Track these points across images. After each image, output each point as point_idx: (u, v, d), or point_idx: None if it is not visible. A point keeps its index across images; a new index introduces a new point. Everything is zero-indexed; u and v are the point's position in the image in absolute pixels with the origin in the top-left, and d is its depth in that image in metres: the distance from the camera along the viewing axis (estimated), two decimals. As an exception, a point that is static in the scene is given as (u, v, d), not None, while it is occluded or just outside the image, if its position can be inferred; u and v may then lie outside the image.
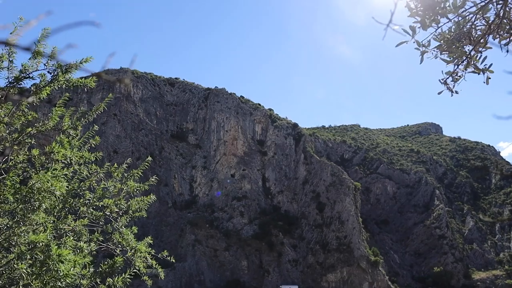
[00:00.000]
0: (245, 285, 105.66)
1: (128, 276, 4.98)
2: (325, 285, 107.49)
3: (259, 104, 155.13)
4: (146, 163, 5.59)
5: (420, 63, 3.88)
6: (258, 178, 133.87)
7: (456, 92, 3.88)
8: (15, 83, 4.40)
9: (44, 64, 4.44)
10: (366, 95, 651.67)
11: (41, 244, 3.92)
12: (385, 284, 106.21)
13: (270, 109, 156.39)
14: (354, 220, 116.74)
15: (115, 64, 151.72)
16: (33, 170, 4.83)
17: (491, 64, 3.73)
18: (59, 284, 4.03)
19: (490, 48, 3.72)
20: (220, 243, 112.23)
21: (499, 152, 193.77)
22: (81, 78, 4.67)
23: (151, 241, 5.37)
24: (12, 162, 4.76)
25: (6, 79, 4.39)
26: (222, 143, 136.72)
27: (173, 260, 5.65)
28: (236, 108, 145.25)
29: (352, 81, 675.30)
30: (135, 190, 5.38)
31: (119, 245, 5.11)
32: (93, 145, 5.26)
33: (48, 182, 4.23)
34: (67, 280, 3.99)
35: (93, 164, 5.29)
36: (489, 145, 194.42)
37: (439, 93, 3.93)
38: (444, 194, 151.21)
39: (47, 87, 4.52)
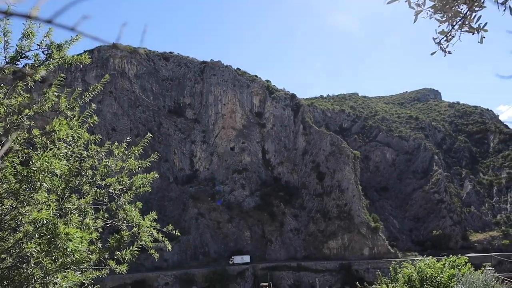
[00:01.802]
0: (249, 254, 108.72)
1: (136, 249, 5.12)
2: (327, 251, 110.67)
3: (256, 76, 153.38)
4: (146, 140, 5.59)
5: (414, 22, 3.82)
6: (258, 150, 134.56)
7: (449, 53, 3.83)
8: (11, 63, 4.32)
9: (38, 45, 4.35)
10: (365, 63, 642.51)
11: (45, 221, 4.00)
12: (385, 248, 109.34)
13: (267, 81, 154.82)
14: (354, 188, 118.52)
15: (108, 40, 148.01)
16: (34, 151, 4.84)
17: (485, 23, 3.66)
18: (69, 260, 4.15)
19: (485, 7, 3.64)
20: (222, 215, 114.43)
21: (498, 115, 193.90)
22: (76, 55, 4.59)
23: (156, 216, 5.47)
24: (12, 145, 4.75)
25: (4, 58, 4.31)
26: (220, 116, 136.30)
27: (178, 234, 5.77)
28: (233, 80, 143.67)
29: (349, 49, 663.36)
30: (136, 167, 5.41)
31: (125, 221, 5.21)
32: (91, 125, 5.24)
33: (47, 162, 4.25)
34: (76, 256, 4.10)
35: (93, 144, 5.29)
36: (488, 109, 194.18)
37: (432, 54, 3.88)
38: (442, 159, 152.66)
39: (42, 66, 4.44)
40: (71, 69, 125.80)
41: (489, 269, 20.04)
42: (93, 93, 5.05)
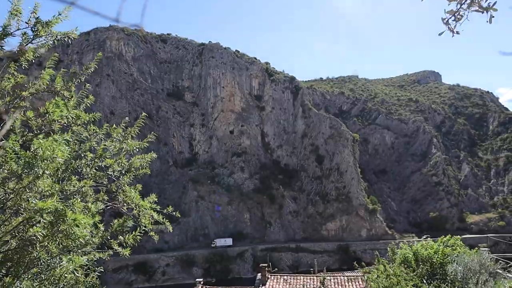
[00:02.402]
0: (249, 236, 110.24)
1: (139, 234, 5.16)
2: (325, 233, 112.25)
3: (255, 58, 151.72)
4: (142, 120, 5.54)
5: (422, 0, 3.73)
6: (257, 133, 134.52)
7: (457, 33, 3.74)
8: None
9: (26, 23, 4.23)
10: (365, 45, 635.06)
11: (50, 210, 4.01)
12: (382, 230, 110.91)
13: (266, 63, 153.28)
14: (353, 171, 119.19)
15: (103, 23, 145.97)
16: (31, 134, 4.79)
17: (495, 2, 3.57)
18: (73, 243, 4.19)
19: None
20: (222, 198, 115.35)
21: (498, 98, 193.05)
22: (65, 32, 4.47)
23: (156, 199, 5.47)
24: (11, 127, 4.70)
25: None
26: (219, 99, 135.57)
27: (179, 215, 5.80)
28: (231, 63, 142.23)
29: (350, 31, 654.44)
30: (134, 148, 5.38)
31: (125, 204, 5.22)
32: (88, 105, 5.17)
33: (49, 149, 4.21)
34: (81, 240, 4.14)
35: (91, 125, 5.25)
36: (488, 92, 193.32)
37: (440, 34, 3.79)
38: (441, 142, 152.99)
39: (31, 45, 4.34)
40: (67, 52, 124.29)
41: (484, 250, 20.34)
42: (88, 71, 4.96)
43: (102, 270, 5.14)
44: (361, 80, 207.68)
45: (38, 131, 4.66)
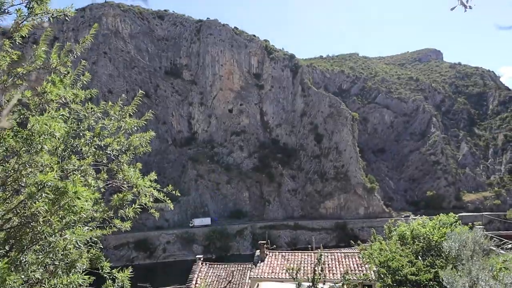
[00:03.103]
0: (248, 214, 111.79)
1: (138, 207, 5.23)
2: (323, 211, 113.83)
3: (254, 36, 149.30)
4: (139, 97, 5.50)
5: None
6: (256, 112, 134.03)
7: (470, 7, 3.67)
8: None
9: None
10: (366, 22, 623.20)
11: (50, 183, 4.04)
12: (380, 208, 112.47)
13: (265, 40, 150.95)
14: (351, 150, 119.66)
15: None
16: (29, 112, 4.77)
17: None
18: (75, 218, 4.25)
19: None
20: (221, 176, 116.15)
21: (499, 77, 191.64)
22: (61, 9, 4.37)
23: (155, 177, 5.50)
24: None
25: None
26: (218, 78, 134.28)
27: (178, 194, 5.84)
28: (230, 40, 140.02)
29: (351, 7, 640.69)
30: (133, 127, 5.36)
31: (125, 182, 5.25)
32: (85, 82, 5.11)
33: (46, 125, 4.21)
34: (83, 214, 4.20)
35: (89, 103, 5.21)
36: (489, 70, 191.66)
37: (452, 9, 3.72)
38: (440, 121, 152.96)
39: (26, 22, 4.24)
40: (62, 29, 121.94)
41: (479, 228, 20.70)
42: (84, 45, 4.87)
43: (102, 246, 5.23)
44: (361, 58, 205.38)
45: (36, 110, 4.63)
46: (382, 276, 18.81)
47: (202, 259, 31.85)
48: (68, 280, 4.21)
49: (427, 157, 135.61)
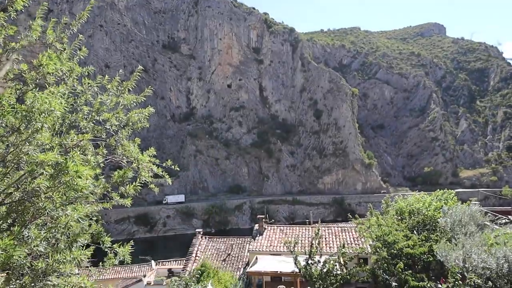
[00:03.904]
0: (246, 189, 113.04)
1: (138, 184, 5.27)
2: (321, 186, 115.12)
3: (254, 8, 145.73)
4: (138, 73, 5.42)
5: None
6: (255, 87, 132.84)
7: None
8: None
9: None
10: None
11: (51, 163, 4.06)
12: (377, 184, 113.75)
13: (265, 13, 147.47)
14: (351, 126, 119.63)
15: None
16: (26, 87, 4.73)
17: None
18: (76, 194, 4.30)
19: None
20: (220, 152, 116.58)
21: (502, 53, 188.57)
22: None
23: (155, 152, 5.51)
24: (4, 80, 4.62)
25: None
26: (217, 52, 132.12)
27: (178, 169, 5.87)
28: (229, 13, 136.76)
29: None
30: (131, 102, 5.32)
31: (124, 157, 5.26)
32: (81, 57, 5.02)
33: (46, 102, 4.17)
34: (84, 191, 4.25)
35: (86, 78, 5.14)
36: (492, 46, 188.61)
37: None
38: (441, 98, 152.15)
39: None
40: (56, 1, 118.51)
41: (475, 203, 21.01)
42: (80, 21, 4.76)
43: (104, 222, 5.32)
44: (362, 33, 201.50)
45: (33, 85, 4.57)
46: (378, 249, 19.27)
47: (201, 233, 32.46)
48: (71, 256, 4.31)
49: (426, 133, 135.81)
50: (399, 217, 21.93)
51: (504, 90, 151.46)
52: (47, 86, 4.62)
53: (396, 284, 17.88)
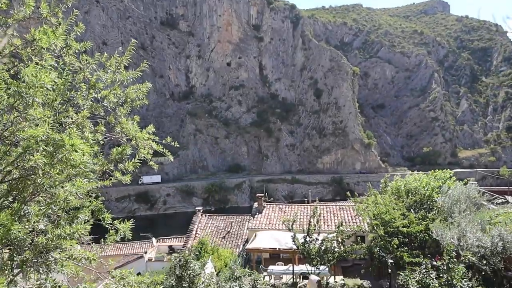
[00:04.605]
0: (246, 168, 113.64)
1: (137, 161, 5.27)
2: (320, 166, 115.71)
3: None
4: (132, 47, 5.31)
5: None
6: (255, 66, 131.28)
7: None
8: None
9: None
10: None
11: (42, 137, 4.03)
12: (376, 163, 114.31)
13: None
14: (351, 105, 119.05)
15: None
16: (21, 63, 4.66)
17: None
18: (74, 171, 4.30)
19: None
20: (220, 131, 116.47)
21: (506, 32, 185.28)
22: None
23: (154, 130, 5.49)
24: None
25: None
26: (216, 29, 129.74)
27: (177, 145, 5.86)
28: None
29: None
30: (128, 78, 5.25)
31: (123, 135, 5.24)
32: (78, 34, 4.91)
33: (35, 76, 4.11)
34: (81, 167, 4.24)
35: (83, 54, 5.05)
36: (496, 24, 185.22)
37: None
38: (442, 77, 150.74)
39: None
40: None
41: (473, 183, 21.18)
42: (76, -5, 4.65)
43: (104, 199, 5.36)
44: (365, 10, 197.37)
45: (28, 61, 4.50)
46: (375, 228, 19.57)
47: (201, 211, 32.86)
48: (71, 230, 4.36)
49: (426, 113, 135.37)
50: (397, 196, 22.16)
51: (506, 70, 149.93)
52: (40, 61, 4.55)
53: (392, 261, 18.27)
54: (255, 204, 30.86)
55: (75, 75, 5.04)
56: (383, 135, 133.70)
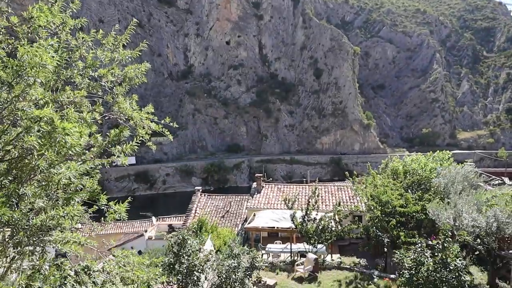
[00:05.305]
0: (245, 148, 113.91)
1: (135, 143, 5.26)
2: (319, 146, 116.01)
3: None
4: (133, 27, 5.22)
5: None
6: (254, 44, 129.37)
7: None
8: None
9: None
10: None
11: (46, 118, 4.01)
12: (375, 144, 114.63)
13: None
14: (351, 86, 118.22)
15: None
16: (18, 41, 4.58)
17: None
18: (70, 152, 4.29)
19: None
20: (219, 111, 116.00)
21: (510, 11, 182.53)
22: None
23: (152, 109, 5.45)
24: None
25: None
26: (215, 6, 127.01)
27: (176, 125, 5.84)
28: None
29: None
30: (127, 58, 5.17)
31: (121, 114, 5.21)
32: (74, 10, 4.81)
33: (36, 56, 4.05)
34: (77, 149, 4.23)
35: (79, 31, 4.96)
36: (500, 3, 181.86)
37: None
38: (444, 58, 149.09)
39: None
40: None
41: (470, 165, 21.34)
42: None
43: (105, 180, 5.38)
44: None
45: (24, 39, 4.42)
46: (372, 208, 19.82)
47: (201, 190, 33.13)
48: (65, 211, 4.39)
49: (427, 94, 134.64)
50: (395, 176, 22.34)
51: (509, 51, 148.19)
52: (39, 40, 4.47)
53: (388, 240, 18.61)
54: (254, 184, 31.13)
55: (70, 53, 4.96)
56: (383, 116, 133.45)
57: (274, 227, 22.99)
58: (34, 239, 4.34)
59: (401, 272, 13.46)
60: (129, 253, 5.25)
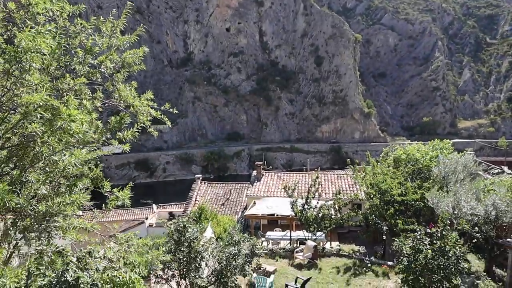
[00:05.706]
0: (245, 136, 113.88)
1: (136, 129, 5.26)
2: (319, 135, 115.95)
3: None
4: (128, 11, 5.14)
5: None
6: (255, 31, 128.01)
7: None
8: None
9: None
10: None
11: (40, 103, 3.99)
12: (375, 133, 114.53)
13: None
14: (352, 74, 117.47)
15: None
16: (15, 28, 4.53)
17: None
18: (73, 139, 4.28)
19: None
20: (219, 99, 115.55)
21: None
22: None
23: (152, 96, 5.44)
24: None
25: None
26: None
27: (176, 111, 5.83)
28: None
29: None
30: (125, 43, 5.12)
31: (121, 101, 5.20)
32: (72, -4, 4.74)
33: (33, 41, 4.00)
34: (79, 136, 4.23)
35: (77, 18, 4.90)
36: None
37: None
38: (446, 46, 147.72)
39: None
40: None
41: (470, 153, 21.36)
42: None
43: (105, 167, 5.40)
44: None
45: (23, 25, 4.37)
46: (372, 196, 19.93)
47: (201, 178, 33.25)
48: (71, 199, 4.42)
49: (428, 82, 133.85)
50: (396, 165, 22.39)
51: (511, 39, 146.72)
52: (36, 26, 4.42)
53: (387, 228, 18.76)
54: (254, 172, 31.21)
55: (69, 39, 4.92)
56: (383, 104, 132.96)
57: (273, 215, 23.14)
58: (41, 224, 4.38)
59: (399, 259, 13.60)
60: (132, 234, 5.31)
